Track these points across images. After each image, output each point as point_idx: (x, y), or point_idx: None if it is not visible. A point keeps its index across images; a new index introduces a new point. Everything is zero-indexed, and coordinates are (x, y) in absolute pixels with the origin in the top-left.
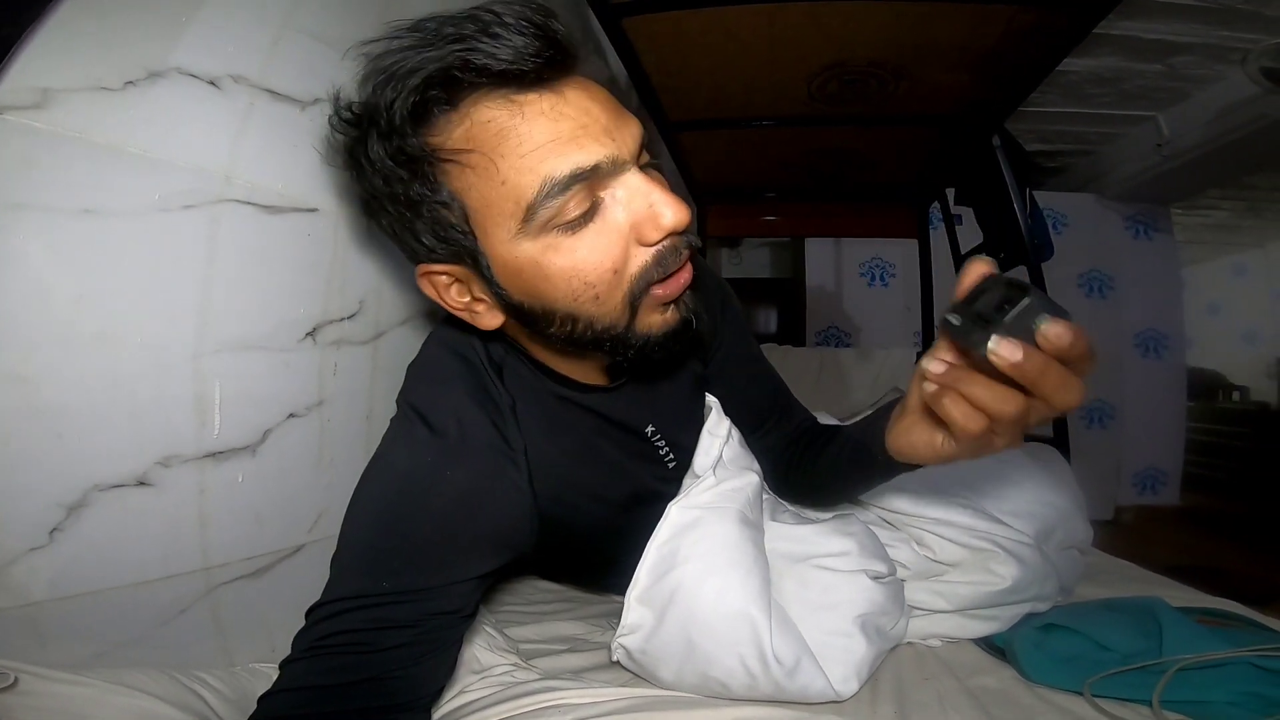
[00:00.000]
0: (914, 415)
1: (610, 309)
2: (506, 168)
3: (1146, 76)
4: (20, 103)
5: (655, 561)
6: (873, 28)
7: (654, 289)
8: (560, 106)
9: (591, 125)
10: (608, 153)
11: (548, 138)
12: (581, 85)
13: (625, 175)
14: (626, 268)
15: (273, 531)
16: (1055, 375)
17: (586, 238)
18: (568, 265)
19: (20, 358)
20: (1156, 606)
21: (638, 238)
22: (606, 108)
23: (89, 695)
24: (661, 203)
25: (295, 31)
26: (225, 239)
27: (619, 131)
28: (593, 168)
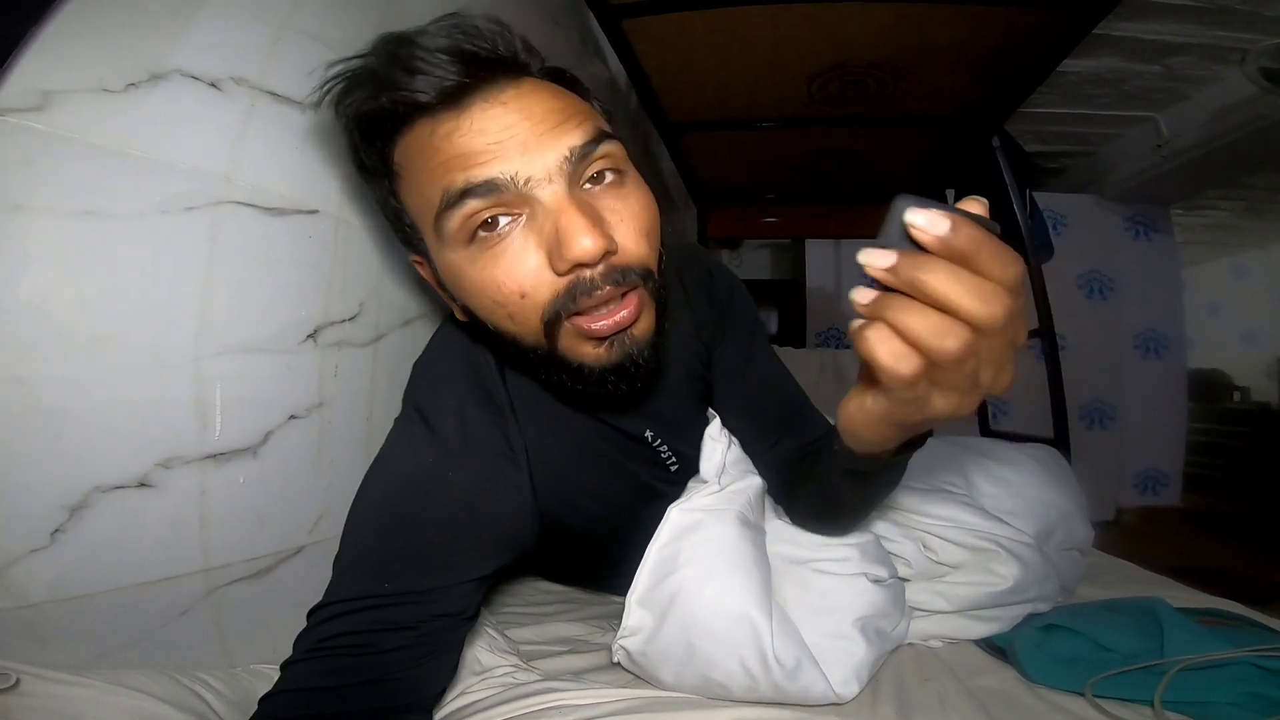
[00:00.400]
0: (856, 388)
1: (528, 330)
2: (422, 181)
3: (1145, 77)
4: (21, 105)
5: (655, 564)
6: (873, 29)
7: (573, 320)
8: (472, 124)
9: (507, 141)
10: (510, 168)
11: (454, 153)
12: (511, 99)
13: (539, 193)
14: (536, 293)
15: (274, 533)
16: (938, 273)
17: (498, 256)
18: (479, 280)
19: (20, 359)
20: (1158, 607)
21: (550, 265)
22: (534, 120)
23: (89, 696)
24: (569, 228)
25: (295, 33)
26: (226, 241)
27: (540, 145)
28: (485, 182)
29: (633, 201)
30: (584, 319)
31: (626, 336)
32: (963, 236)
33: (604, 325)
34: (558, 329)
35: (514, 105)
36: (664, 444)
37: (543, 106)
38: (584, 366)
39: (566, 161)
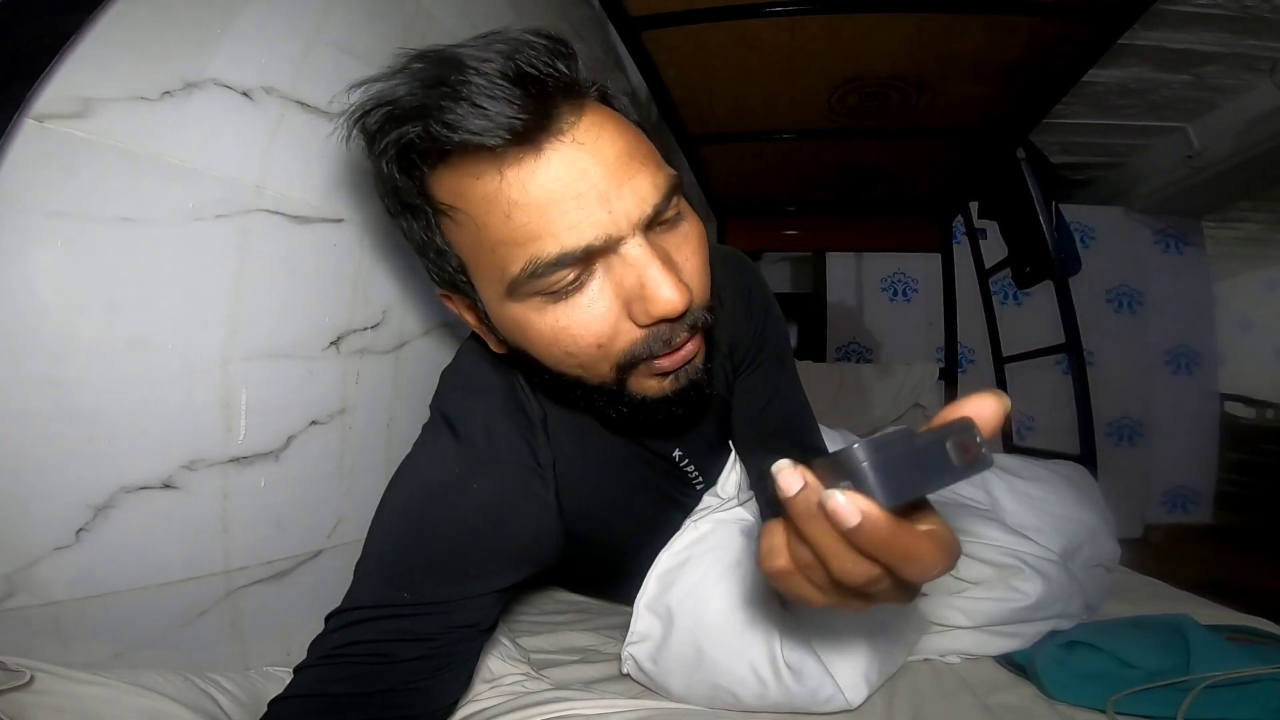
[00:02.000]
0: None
1: (597, 374)
2: (493, 237)
3: (1174, 87)
4: (62, 111)
5: (665, 570)
6: (893, 41)
7: (648, 362)
8: (548, 170)
9: (586, 193)
10: (600, 230)
11: (534, 212)
12: (583, 134)
13: (622, 248)
14: (613, 344)
15: (293, 536)
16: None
17: (572, 309)
18: (549, 333)
19: (56, 362)
20: (1184, 623)
21: (629, 314)
22: (609, 165)
23: (104, 695)
24: (656, 284)
25: (325, 44)
26: (255, 248)
27: (620, 197)
28: (584, 249)
29: (693, 239)
30: (657, 360)
31: (691, 367)
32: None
33: (673, 362)
34: (630, 372)
35: (586, 144)
36: (691, 463)
37: (614, 147)
38: (647, 399)
39: (646, 217)
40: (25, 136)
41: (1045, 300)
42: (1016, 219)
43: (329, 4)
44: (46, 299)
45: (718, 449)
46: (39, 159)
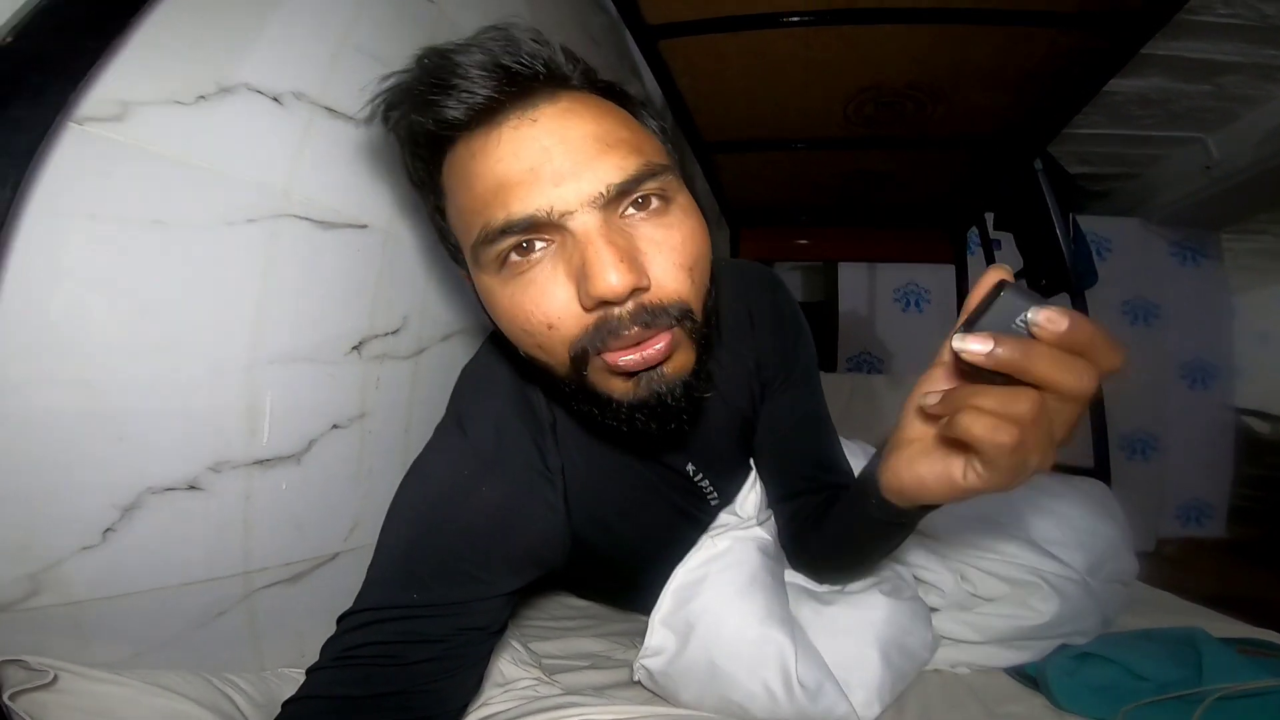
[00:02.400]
0: (914, 446)
1: (556, 360)
2: (462, 207)
3: (1193, 97)
4: (101, 114)
5: (680, 585)
6: (910, 50)
7: (603, 355)
8: (509, 146)
9: (542, 168)
10: (546, 202)
11: (491, 182)
12: (544, 116)
13: (570, 224)
14: (564, 325)
15: (311, 539)
16: (1045, 358)
17: (525, 284)
18: (508, 306)
19: (87, 363)
20: (1196, 636)
21: (578, 298)
22: (571, 145)
23: (124, 695)
24: (597, 263)
25: (352, 50)
26: (282, 253)
27: (577, 174)
28: (525, 219)
29: (676, 232)
30: (611, 354)
31: (656, 374)
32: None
33: (631, 361)
34: (585, 363)
35: (547, 124)
36: (705, 479)
37: (580, 130)
38: (612, 400)
39: (601, 196)
40: (66, 139)
41: None
42: (1033, 230)
43: (356, 10)
44: (79, 300)
45: (736, 466)
46: (77, 162)
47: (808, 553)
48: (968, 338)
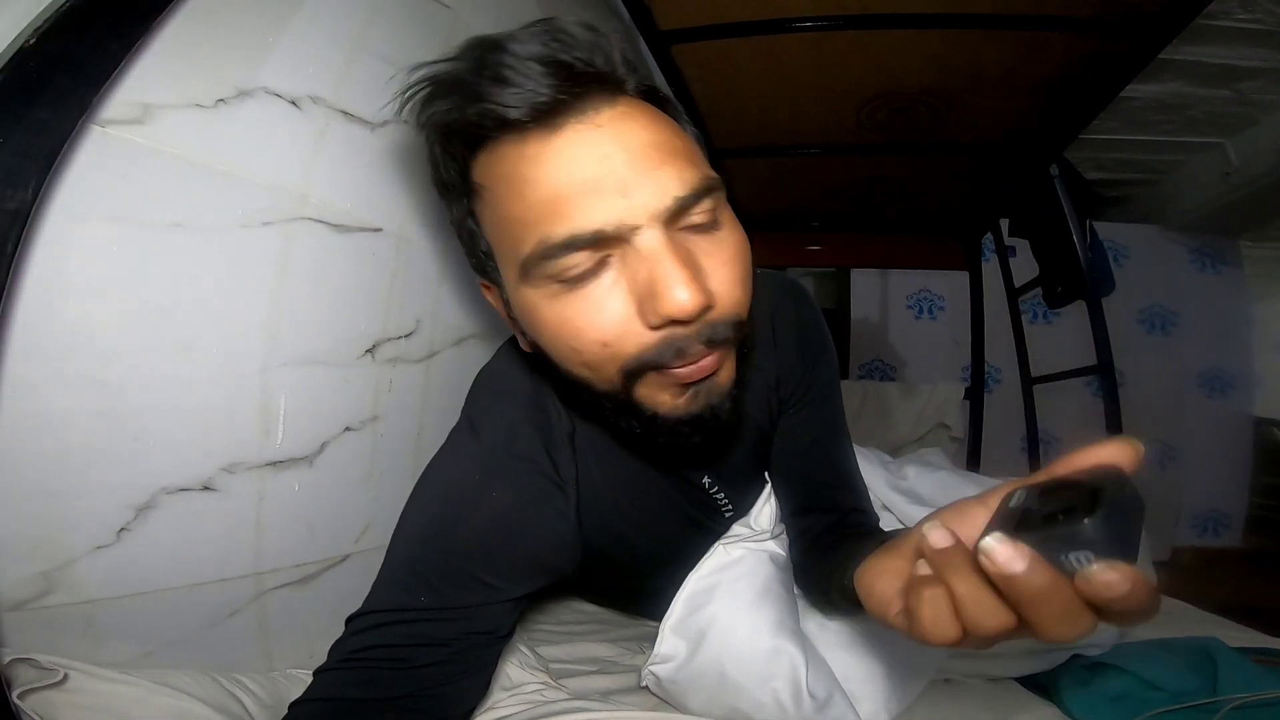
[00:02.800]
0: (896, 562)
1: (604, 377)
2: (510, 215)
3: (1213, 102)
4: (124, 117)
5: (692, 593)
6: (923, 55)
7: (657, 371)
8: (567, 152)
9: (605, 178)
10: (612, 216)
11: (549, 192)
12: (609, 122)
13: (637, 239)
14: (620, 344)
15: (322, 540)
16: (1060, 604)
17: (580, 300)
18: (556, 322)
19: (107, 364)
20: (1212, 646)
21: (640, 314)
22: (633, 152)
23: (133, 695)
24: (667, 281)
25: (367, 54)
26: (298, 256)
27: (640, 185)
28: (592, 234)
29: (728, 246)
30: (667, 370)
31: (710, 385)
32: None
33: (688, 371)
34: (637, 379)
35: (610, 130)
36: (721, 491)
37: (640, 138)
38: (658, 416)
39: (667, 210)
40: (89, 142)
41: (1075, 319)
42: (1049, 237)
43: (371, 15)
44: (99, 301)
45: (752, 479)
46: (99, 164)
47: (809, 576)
48: (1000, 545)
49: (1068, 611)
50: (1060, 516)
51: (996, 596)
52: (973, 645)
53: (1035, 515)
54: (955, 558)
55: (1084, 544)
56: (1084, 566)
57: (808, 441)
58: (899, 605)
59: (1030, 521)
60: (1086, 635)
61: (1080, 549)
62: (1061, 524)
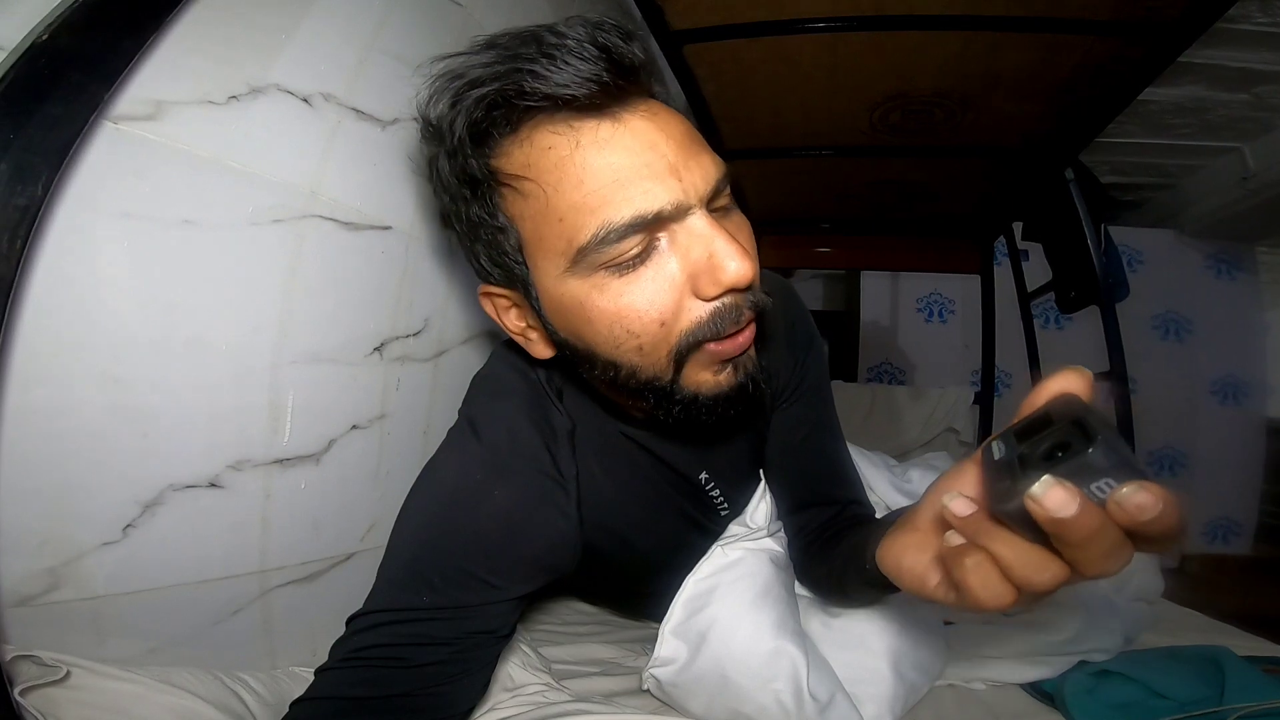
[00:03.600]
0: (914, 536)
1: (654, 360)
2: (562, 204)
3: (1231, 106)
4: (136, 114)
5: (692, 596)
6: (939, 57)
7: (706, 346)
8: (622, 138)
9: (656, 162)
10: (672, 196)
11: (608, 177)
12: (650, 114)
13: (689, 219)
14: (676, 321)
15: (328, 538)
16: (1108, 541)
17: (636, 283)
18: (612, 310)
19: (117, 360)
20: (1220, 654)
21: (694, 289)
22: (676, 141)
23: (135, 692)
24: (724, 253)
25: (379, 52)
26: (308, 254)
27: (688, 170)
28: (655, 214)
29: (745, 227)
30: (717, 344)
31: (746, 358)
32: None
33: (730, 348)
34: (687, 358)
35: (658, 120)
36: (717, 488)
37: (680, 128)
38: (699, 397)
39: (712, 192)
40: (100, 138)
41: (1087, 323)
42: (1063, 241)
43: (384, 13)
44: (109, 297)
45: (746, 477)
46: (111, 160)
47: (813, 572)
48: (1053, 486)
49: (1114, 545)
50: (1060, 453)
51: (1043, 549)
52: (1025, 604)
53: (1033, 458)
54: (984, 522)
55: (1101, 473)
56: (1111, 493)
57: (801, 437)
58: (937, 577)
59: (1033, 465)
60: (1126, 566)
61: (1099, 479)
62: (1068, 459)
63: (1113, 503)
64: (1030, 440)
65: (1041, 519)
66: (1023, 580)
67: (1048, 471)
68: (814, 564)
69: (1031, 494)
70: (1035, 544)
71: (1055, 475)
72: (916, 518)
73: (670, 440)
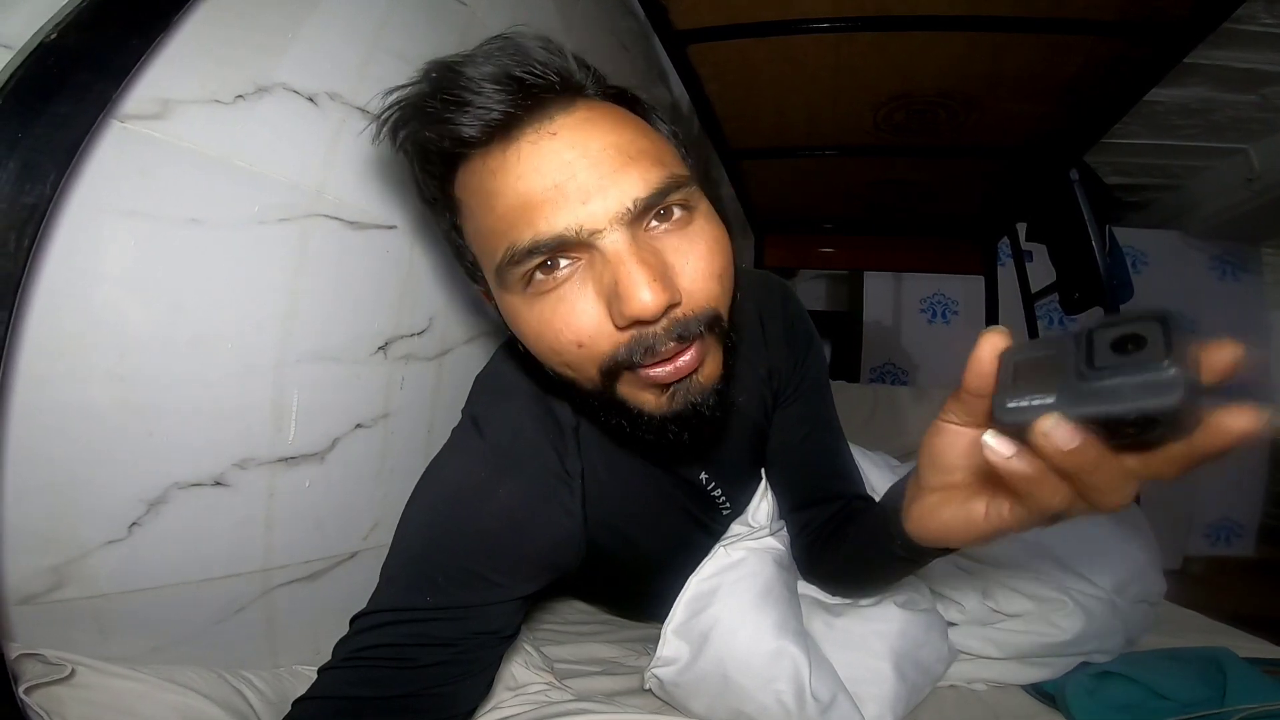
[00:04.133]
0: (936, 496)
1: (586, 377)
2: (484, 227)
3: (1237, 107)
4: (143, 112)
5: (694, 596)
6: (943, 58)
7: (639, 370)
8: (530, 161)
9: (566, 184)
10: (574, 221)
11: (514, 201)
12: (567, 129)
13: (600, 243)
14: (595, 344)
15: (331, 537)
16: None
17: (553, 304)
18: (534, 326)
19: (123, 358)
20: (1222, 656)
21: (609, 315)
22: (593, 158)
23: (139, 690)
24: (628, 283)
25: (383, 52)
26: (313, 252)
27: (602, 190)
28: (554, 239)
29: (701, 243)
30: (647, 369)
31: (691, 384)
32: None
33: (664, 372)
34: (616, 378)
35: (567, 136)
36: (718, 488)
37: (601, 141)
38: (643, 413)
39: (629, 212)
40: (108, 137)
41: None
42: (1067, 242)
43: (388, 12)
44: (116, 295)
45: (748, 476)
46: (118, 159)
47: (821, 567)
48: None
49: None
50: (1130, 347)
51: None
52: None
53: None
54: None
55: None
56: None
57: (802, 435)
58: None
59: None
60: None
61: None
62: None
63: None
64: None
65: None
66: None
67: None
68: (820, 561)
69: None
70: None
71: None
72: (924, 480)
73: (669, 451)
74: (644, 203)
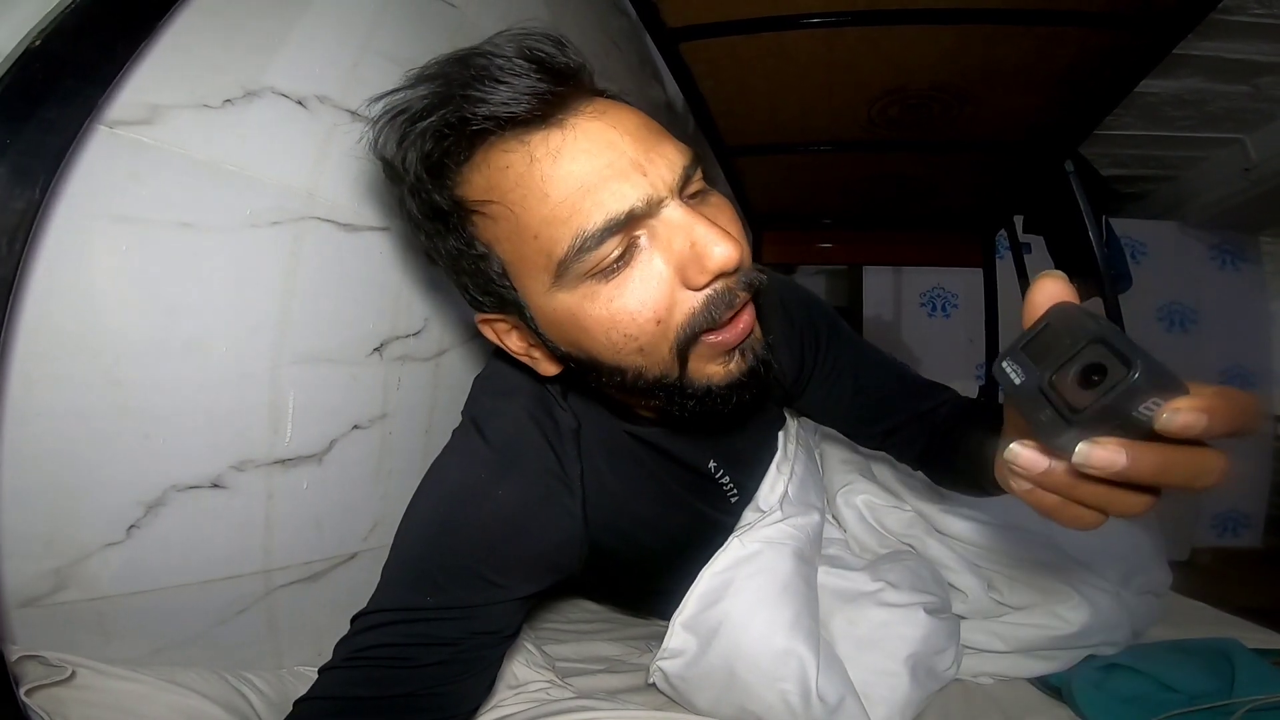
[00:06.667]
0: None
1: (657, 360)
2: (533, 220)
3: (1231, 98)
4: (131, 118)
5: (706, 590)
6: (935, 51)
7: (706, 337)
8: (577, 143)
9: (618, 161)
10: (641, 193)
11: (572, 185)
12: (599, 113)
13: (664, 212)
14: (671, 316)
15: (331, 538)
16: (1184, 463)
17: (624, 285)
18: (605, 316)
19: (119, 362)
20: (1230, 647)
21: (683, 281)
22: (633, 136)
23: (141, 692)
24: (706, 240)
25: (373, 54)
26: (306, 255)
27: (651, 162)
28: (627, 213)
29: (726, 209)
30: (716, 334)
31: (751, 341)
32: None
33: (735, 334)
34: (690, 351)
35: (610, 117)
36: (726, 475)
37: (633, 120)
38: (712, 389)
39: (681, 180)
40: (96, 142)
41: None
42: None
43: (378, 15)
44: (109, 300)
45: (755, 462)
46: (108, 164)
47: (943, 475)
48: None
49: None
50: (1096, 378)
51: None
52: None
53: (1067, 382)
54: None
55: (1147, 395)
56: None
57: (852, 386)
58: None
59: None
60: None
61: (1145, 400)
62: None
63: (1161, 427)
64: (1050, 359)
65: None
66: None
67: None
68: (937, 467)
69: (1079, 462)
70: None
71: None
72: (1007, 433)
73: (678, 434)
74: (686, 170)
